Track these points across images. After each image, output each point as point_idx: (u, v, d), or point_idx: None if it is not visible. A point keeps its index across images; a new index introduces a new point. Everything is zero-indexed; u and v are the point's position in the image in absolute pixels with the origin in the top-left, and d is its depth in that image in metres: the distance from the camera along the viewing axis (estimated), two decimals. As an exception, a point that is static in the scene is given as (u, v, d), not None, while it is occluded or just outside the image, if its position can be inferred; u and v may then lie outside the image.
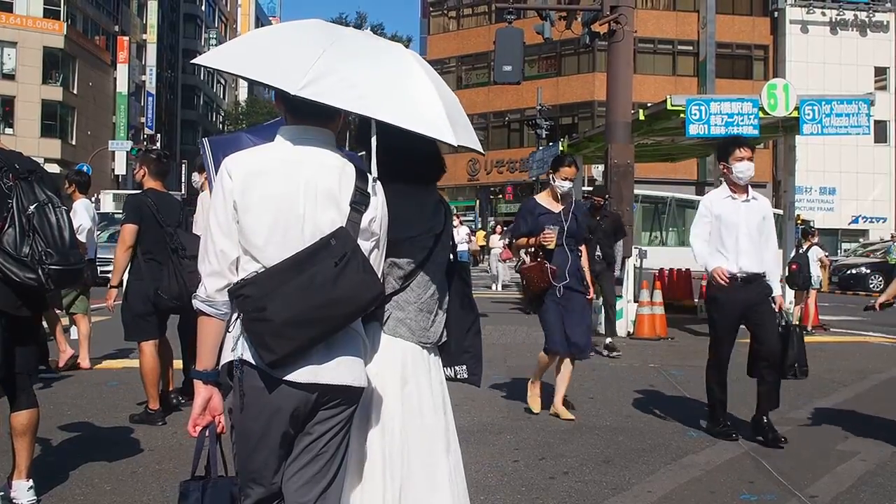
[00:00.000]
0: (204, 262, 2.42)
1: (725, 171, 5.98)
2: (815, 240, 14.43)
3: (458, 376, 2.97)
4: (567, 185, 6.50)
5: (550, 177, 6.60)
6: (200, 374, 2.46)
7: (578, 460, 5.41)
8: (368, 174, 2.51)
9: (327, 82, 2.29)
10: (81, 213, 8.32)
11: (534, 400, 6.84)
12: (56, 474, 4.78)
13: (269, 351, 2.29)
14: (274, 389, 2.37)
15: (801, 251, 13.73)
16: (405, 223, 2.73)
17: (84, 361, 8.38)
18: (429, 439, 2.82)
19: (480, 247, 19.73)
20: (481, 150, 2.76)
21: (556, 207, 6.56)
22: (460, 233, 17.57)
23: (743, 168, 5.88)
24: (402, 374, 2.78)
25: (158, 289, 5.99)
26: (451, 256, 2.95)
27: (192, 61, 2.62)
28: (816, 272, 13.77)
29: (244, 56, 2.48)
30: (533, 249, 6.47)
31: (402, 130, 2.37)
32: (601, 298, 10.93)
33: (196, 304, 2.43)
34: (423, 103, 2.42)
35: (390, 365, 2.76)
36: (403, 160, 2.72)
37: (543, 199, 6.70)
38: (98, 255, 9.58)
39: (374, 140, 2.46)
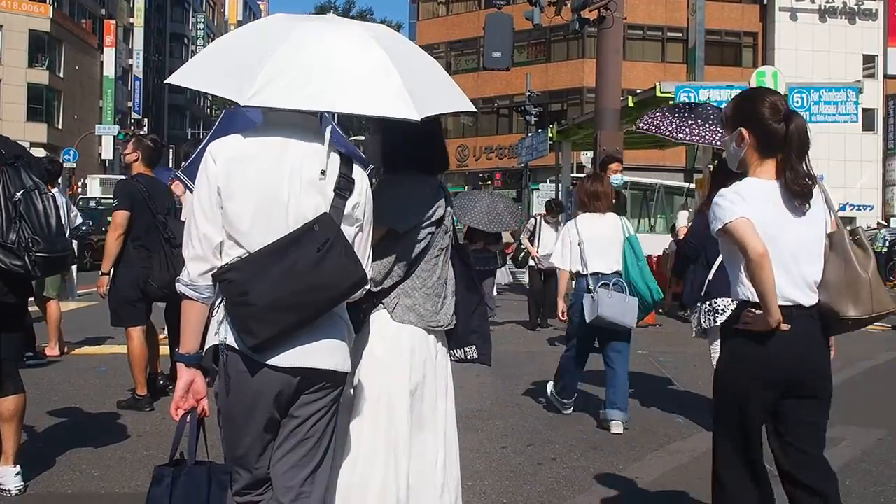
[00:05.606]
0: (188, 247, 2.42)
1: None
2: None
3: (469, 357, 3.02)
4: None
5: None
6: (183, 357, 2.47)
7: (566, 446, 5.44)
8: (353, 160, 2.50)
9: (277, 86, 2.28)
10: None
11: None
12: (43, 460, 4.77)
13: (251, 335, 2.31)
14: (256, 373, 2.39)
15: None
16: (406, 213, 2.75)
17: (53, 349, 8.10)
18: (431, 422, 2.85)
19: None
20: (471, 108, 2.72)
21: None
22: None
23: None
24: (410, 362, 2.82)
25: (149, 277, 5.96)
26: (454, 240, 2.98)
27: (166, 81, 2.64)
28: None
29: (207, 69, 2.50)
30: None
31: (406, 123, 2.35)
32: None
33: (179, 287, 2.44)
34: (378, 83, 2.36)
35: (398, 353, 2.80)
36: (406, 152, 2.72)
37: None
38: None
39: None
